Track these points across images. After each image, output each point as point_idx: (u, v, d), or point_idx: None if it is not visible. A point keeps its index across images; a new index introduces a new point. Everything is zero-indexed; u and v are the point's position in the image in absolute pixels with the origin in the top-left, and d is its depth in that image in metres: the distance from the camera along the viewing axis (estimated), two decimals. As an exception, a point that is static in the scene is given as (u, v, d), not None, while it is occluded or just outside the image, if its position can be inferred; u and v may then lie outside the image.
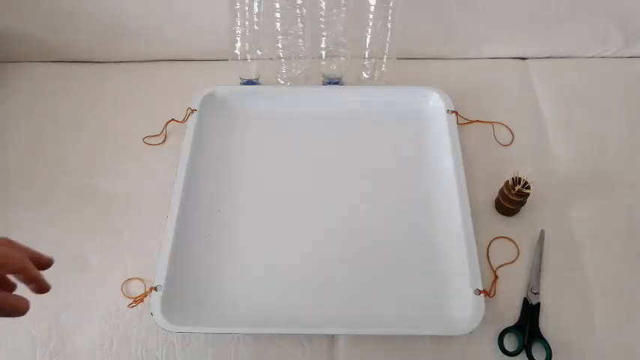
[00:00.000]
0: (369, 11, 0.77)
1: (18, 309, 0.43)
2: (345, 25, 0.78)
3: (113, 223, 0.74)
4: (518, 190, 0.68)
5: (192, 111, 0.80)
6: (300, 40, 0.79)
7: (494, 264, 0.69)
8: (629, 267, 0.69)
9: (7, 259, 0.42)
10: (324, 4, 0.76)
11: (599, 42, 0.90)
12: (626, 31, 0.88)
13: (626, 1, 0.85)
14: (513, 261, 0.70)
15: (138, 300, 0.64)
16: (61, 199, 0.77)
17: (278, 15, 0.76)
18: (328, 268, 0.69)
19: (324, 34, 0.79)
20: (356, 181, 0.76)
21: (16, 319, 0.65)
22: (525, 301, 0.66)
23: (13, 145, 0.83)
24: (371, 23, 0.78)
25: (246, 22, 0.78)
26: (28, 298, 0.44)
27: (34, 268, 0.45)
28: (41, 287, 0.45)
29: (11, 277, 0.44)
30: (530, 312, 0.65)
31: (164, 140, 0.82)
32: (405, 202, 0.74)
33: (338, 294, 0.67)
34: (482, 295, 0.63)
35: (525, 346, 0.63)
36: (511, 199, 0.70)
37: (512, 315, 0.66)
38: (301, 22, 0.77)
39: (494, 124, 0.83)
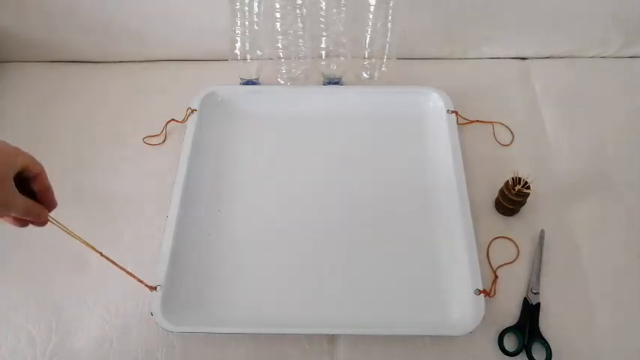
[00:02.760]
0: (369, 11, 0.77)
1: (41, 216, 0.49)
2: (345, 25, 0.78)
3: (113, 223, 0.74)
4: (518, 190, 0.68)
5: (192, 111, 0.80)
6: (300, 40, 0.79)
7: (494, 264, 0.69)
8: (629, 267, 0.69)
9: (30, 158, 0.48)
10: (324, 4, 0.76)
11: (599, 42, 0.90)
12: (626, 31, 0.88)
13: (626, 1, 0.85)
14: (513, 261, 0.70)
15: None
16: (61, 199, 0.76)
17: (278, 15, 0.76)
18: (328, 268, 0.69)
19: (324, 34, 0.79)
20: (356, 181, 0.76)
21: (16, 319, 0.65)
22: (525, 301, 0.66)
23: (12, 144, 0.83)
24: (371, 23, 0.78)
25: (246, 22, 0.78)
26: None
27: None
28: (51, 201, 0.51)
29: None
30: (530, 312, 0.65)
31: (164, 140, 0.82)
32: (405, 202, 0.74)
33: (338, 294, 0.67)
34: (482, 295, 0.63)
35: (525, 346, 0.63)
36: (511, 199, 0.69)
37: (512, 315, 0.66)
38: (301, 22, 0.77)
39: (494, 124, 0.83)
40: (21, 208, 0.47)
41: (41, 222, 0.50)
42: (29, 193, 0.49)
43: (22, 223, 0.50)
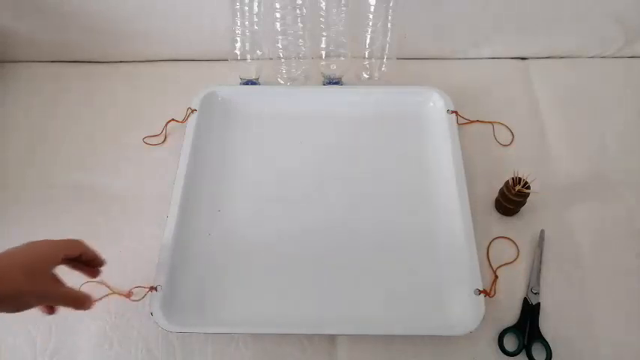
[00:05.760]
0: (369, 11, 0.77)
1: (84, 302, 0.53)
2: (345, 25, 0.78)
3: (113, 223, 0.74)
4: (518, 190, 0.68)
5: (192, 111, 0.80)
6: (300, 40, 0.79)
7: (495, 264, 0.69)
8: (629, 267, 0.69)
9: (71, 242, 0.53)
10: (324, 4, 0.76)
11: (599, 42, 0.90)
12: (626, 31, 0.88)
13: (626, 1, 0.85)
14: (513, 261, 0.70)
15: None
16: (61, 199, 0.77)
17: (278, 15, 0.76)
18: (328, 267, 0.69)
19: (324, 34, 0.79)
20: (356, 181, 0.76)
21: (16, 319, 0.65)
22: (525, 301, 0.66)
23: (13, 145, 0.83)
24: (371, 23, 0.78)
25: (246, 22, 0.78)
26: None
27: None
28: (98, 263, 0.57)
29: None
30: (530, 312, 0.65)
31: (164, 140, 0.82)
32: (405, 202, 0.74)
33: (338, 294, 0.67)
34: (482, 295, 0.63)
35: (525, 346, 0.63)
36: (511, 199, 0.70)
37: (512, 315, 0.66)
38: (301, 22, 0.77)
39: (494, 124, 0.83)
40: (61, 298, 0.51)
41: (84, 308, 0.54)
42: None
43: (52, 310, 0.54)
